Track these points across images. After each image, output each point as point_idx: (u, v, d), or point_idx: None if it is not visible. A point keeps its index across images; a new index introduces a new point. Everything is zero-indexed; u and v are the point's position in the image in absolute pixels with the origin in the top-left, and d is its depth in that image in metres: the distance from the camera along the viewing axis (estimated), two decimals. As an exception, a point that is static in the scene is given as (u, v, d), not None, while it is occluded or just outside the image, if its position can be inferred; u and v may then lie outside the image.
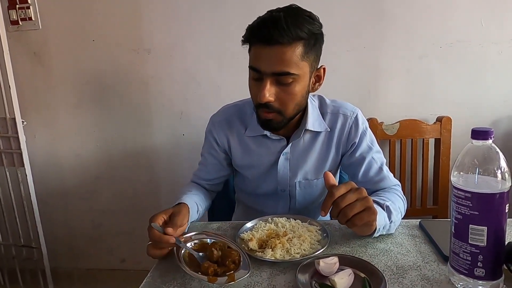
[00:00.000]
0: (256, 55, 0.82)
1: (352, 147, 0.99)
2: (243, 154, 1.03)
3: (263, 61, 0.81)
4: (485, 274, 0.58)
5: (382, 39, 1.58)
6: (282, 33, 0.78)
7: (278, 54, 0.79)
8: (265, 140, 0.99)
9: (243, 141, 1.01)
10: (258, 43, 0.81)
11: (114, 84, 1.75)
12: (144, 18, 1.66)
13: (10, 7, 1.69)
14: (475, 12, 1.52)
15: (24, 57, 1.76)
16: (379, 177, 0.97)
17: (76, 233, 1.97)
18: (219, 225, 0.93)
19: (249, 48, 0.86)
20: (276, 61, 0.80)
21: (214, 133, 1.03)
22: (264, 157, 1.00)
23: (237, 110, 1.03)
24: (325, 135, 0.99)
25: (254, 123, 0.96)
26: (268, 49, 0.80)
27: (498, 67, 1.56)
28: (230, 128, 1.02)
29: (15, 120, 1.58)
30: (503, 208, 0.57)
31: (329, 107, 1.00)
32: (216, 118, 1.05)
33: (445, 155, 1.59)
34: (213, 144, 1.04)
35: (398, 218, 0.84)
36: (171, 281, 0.70)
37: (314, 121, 0.96)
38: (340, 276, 0.64)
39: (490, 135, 0.57)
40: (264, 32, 0.79)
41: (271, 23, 0.79)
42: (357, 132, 0.98)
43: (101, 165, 1.85)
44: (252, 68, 0.84)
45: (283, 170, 1.00)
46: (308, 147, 0.99)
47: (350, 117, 0.98)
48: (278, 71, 0.81)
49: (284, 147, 0.98)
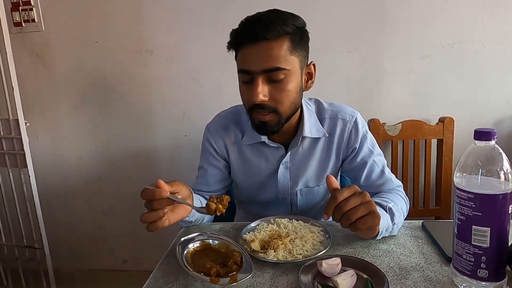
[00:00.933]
0: (244, 56, 0.81)
1: (352, 152, 0.97)
2: (242, 164, 1.01)
3: (252, 60, 0.80)
4: (488, 275, 0.58)
5: (384, 39, 1.58)
6: (267, 28, 0.77)
7: (265, 50, 0.79)
8: (263, 148, 0.97)
9: (241, 150, 0.99)
10: (244, 43, 0.80)
11: (116, 85, 1.75)
12: (146, 19, 1.67)
13: (13, 9, 1.69)
14: (477, 12, 1.52)
15: (27, 59, 1.77)
16: (382, 180, 0.96)
17: (78, 234, 1.97)
18: (222, 226, 0.93)
19: (236, 54, 0.85)
20: (264, 57, 0.79)
21: (212, 141, 1.01)
22: (263, 167, 0.99)
23: (233, 116, 1.01)
24: (324, 141, 0.97)
25: (251, 130, 0.95)
26: (255, 47, 0.79)
27: (501, 68, 1.56)
28: (227, 135, 1.00)
29: (18, 122, 1.58)
30: (507, 209, 0.57)
31: (327, 112, 0.98)
32: (212, 126, 1.03)
33: (448, 156, 1.59)
34: (212, 153, 1.02)
35: (401, 219, 0.84)
36: (173, 281, 0.70)
37: (311, 127, 0.94)
38: (342, 277, 0.64)
39: (493, 136, 0.57)
40: (249, 31, 0.79)
41: (255, 21, 0.80)
42: (357, 136, 0.96)
43: (103, 166, 1.86)
44: (241, 72, 0.83)
45: (283, 179, 0.99)
46: (307, 155, 0.97)
47: (349, 121, 0.97)
48: (268, 67, 0.79)
49: (282, 156, 0.96)
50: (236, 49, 0.84)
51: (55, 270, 1.79)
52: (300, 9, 1.66)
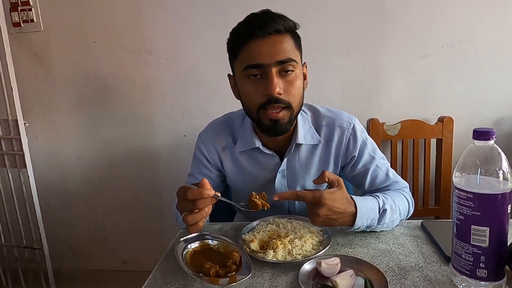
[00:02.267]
0: (254, 50, 0.81)
1: (352, 160, 0.96)
2: (236, 172, 1.00)
3: (264, 53, 0.80)
4: (487, 275, 0.58)
5: (384, 39, 1.58)
6: (277, 22, 0.80)
7: (277, 42, 0.80)
8: (257, 156, 0.96)
9: (235, 157, 0.98)
10: (253, 37, 0.80)
11: (115, 85, 1.75)
12: (145, 19, 1.66)
13: (12, 9, 1.69)
14: (476, 12, 1.52)
15: (26, 59, 1.77)
16: (387, 183, 0.95)
17: (78, 234, 1.97)
18: (221, 226, 0.93)
19: (237, 52, 0.84)
20: (277, 49, 0.80)
21: (204, 150, 1.00)
22: (260, 175, 0.97)
23: (226, 125, 1.01)
24: (321, 149, 0.96)
25: (244, 136, 0.94)
26: (266, 40, 0.80)
27: (500, 67, 1.56)
28: (220, 143, 0.99)
29: (17, 122, 1.58)
30: (506, 209, 0.57)
31: (324, 119, 0.97)
32: (204, 135, 1.02)
33: (447, 155, 1.59)
34: (204, 163, 1.01)
35: (395, 218, 0.84)
36: (172, 282, 0.70)
37: (305, 134, 0.93)
38: (342, 277, 0.64)
39: (492, 136, 0.57)
40: (259, 23, 0.80)
41: (263, 15, 0.81)
42: (356, 144, 0.95)
43: (102, 166, 1.86)
44: (251, 67, 0.81)
45: (280, 188, 0.97)
46: (304, 163, 0.96)
47: (347, 129, 0.95)
48: (282, 58, 0.80)
49: (278, 165, 0.95)
50: (240, 46, 0.83)
51: (55, 271, 1.79)
52: (299, 9, 1.66)
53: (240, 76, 0.85)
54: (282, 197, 0.75)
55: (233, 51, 0.86)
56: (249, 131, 0.94)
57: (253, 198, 0.75)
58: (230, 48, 0.87)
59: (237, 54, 0.84)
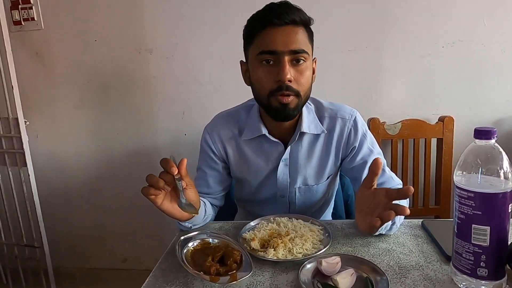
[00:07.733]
0: (269, 37, 0.83)
1: (352, 151, 0.97)
2: (241, 162, 1.01)
3: (279, 40, 0.82)
4: (488, 274, 0.58)
5: (384, 38, 1.58)
6: (294, 13, 0.83)
7: (292, 32, 0.83)
8: (262, 144, 0.97)
9: (240, 147, 1.00)
10: (271, 25, 0.83)
11: (116, 84, 1.75)
12: (146, 18, 1.66)
13: (13, 7, 1.69)
14: (477, 12, 1.52)
15: (26, 57, 1.77)
16: (383, 179, 0.95)
17: (78, 233, 1.97)
18: (221, 225, 0.93)
19: (253, 38, 0.86)
20: (292, 39, 0.82)
21: (210, 142, 1.02)
22: (263, 165, 0.99)
23: (231, 117, 1.02)
24: (323, 139, 0.98)
25: (251, 124, 0.96)
26: (282, 29, 0.83)
27: (501, 67, 1.56)
28: (226, 135, 1.00)
29: (17, 120, 1.58)
30: (506, 208, 0.57)
31: (327, 111, 0.99)
32: (210, 128, 1.03)
33: (448, 154, 1.59)
34: (210, 155, 1.02)
35: (400, 218, 0.84)
36: (173, 280, 0.70)
37: (309, 123, 0.95)
38: (342, 276, 0.64)
39: (493, 135, 0.57)
40: (279, 12, 0.82)
41: (282, 5, 0.84)
42: (357, 136, 0.97)
43: (103, 164, 1.86)
44: (265, 53, 0.84)
45: (282, 176, 0.99)
46: (306, 152, 0.97)
47: (348, 120, 0.97)
48: (296, 48, 0.82)
49: (282, 153, 0.97)
50: (257, 32, 0.85)
51: (55, 269, 1.79)
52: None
53: (253, 61, 0.87)
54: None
55: (249, 36, 0.88)
56: (255, 119, 0.96)
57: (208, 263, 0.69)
58: (246, 33, 0.89)
59: (252, 39, 0.86)
